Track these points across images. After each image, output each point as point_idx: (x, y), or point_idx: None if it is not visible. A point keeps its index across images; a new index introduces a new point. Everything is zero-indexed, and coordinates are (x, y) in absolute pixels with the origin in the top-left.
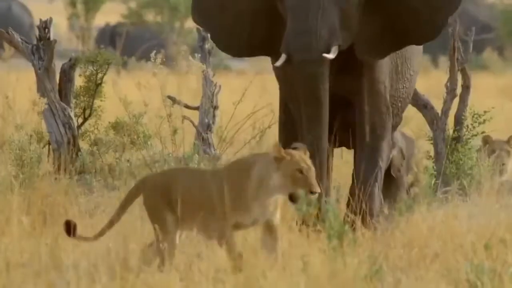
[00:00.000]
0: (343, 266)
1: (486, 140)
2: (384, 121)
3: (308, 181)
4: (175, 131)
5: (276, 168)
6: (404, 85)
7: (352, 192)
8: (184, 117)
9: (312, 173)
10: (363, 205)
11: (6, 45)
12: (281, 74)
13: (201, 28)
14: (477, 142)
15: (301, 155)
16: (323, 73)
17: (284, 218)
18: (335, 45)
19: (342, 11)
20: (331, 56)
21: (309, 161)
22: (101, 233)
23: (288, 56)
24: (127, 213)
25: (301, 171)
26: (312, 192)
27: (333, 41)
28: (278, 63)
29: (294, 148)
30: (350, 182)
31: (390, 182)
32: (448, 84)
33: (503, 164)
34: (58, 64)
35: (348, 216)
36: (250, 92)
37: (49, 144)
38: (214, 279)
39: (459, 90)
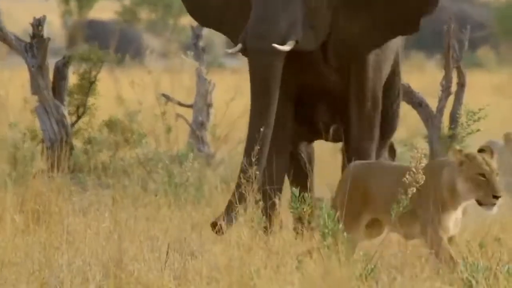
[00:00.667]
0: (338, 265)
1: (509, 138)
2: (373, 122)
3: (490, 185)
4: (169, 129)
5: (459, 172)
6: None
7: None
8: (177, 115)
9: (495, 176)
10: None
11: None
12: None
13: (195, 26)
14: (472, 140)
15: (484, 158)
16: (276, 66)
17: (277, 217)
18: (292, 39)
19: (308, 8)
20: (285, 48)
21: (493, 164)
22: None
23: (244, 45)
24: (121, 212)
25: (483, 175)
26: (495, 197)
27: (290, 35)
28: (232, 50)
29: (480, 151)
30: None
31: None
32: (443, 82)
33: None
34: (51, 62)
35: None
36: (244, 90)
37: (43, 142)
38: (208, 277)
39: (454, 88)
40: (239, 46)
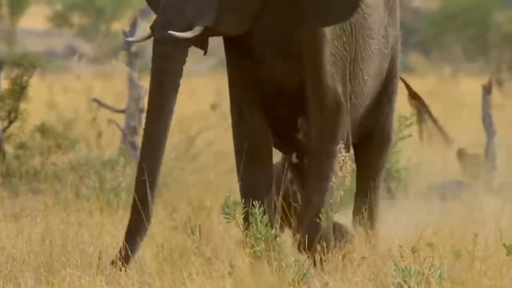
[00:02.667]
0: (270, 270)
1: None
2: (335, 121)
3: None
4: (100, 134)
5: None
6: (356, 89)
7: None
8: (109, 120)
9: None
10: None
11: None
12: (236, 73)
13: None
14: (404, 145)
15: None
16: (175, 58)
17: (212, 223)
18: (200, 25)
19: None
20: (186, 35)
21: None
22: None
23: (151, 34)
24: (53, 217)
25: None
26: None
27: (197, 21)
28: (137, 37)
29: None
30: None
31: None
32: None
33: None
34: None
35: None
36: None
37: None
38: (140, 282)
39: None
40: (148, 32)
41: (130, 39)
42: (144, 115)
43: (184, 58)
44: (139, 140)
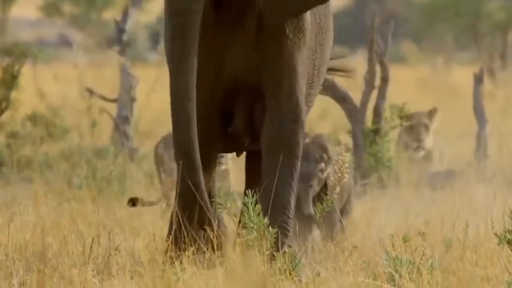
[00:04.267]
0: (261, 259)
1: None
2: (299, 113)
3: None
4: (93, 124)
5: None
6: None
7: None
8: (101, 110)
9: None
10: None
11: None
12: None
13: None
14: (395, 135)
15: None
16: (197, 10)
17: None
18: None
19: None
20: None
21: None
22: None
23: None
24: (44, 206)
25: None
26: None
27: None
28: None
29: None
30: None
31: None
32: (367, 76)
33: (419, 140)
34: None
35: None
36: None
37: None
38: (131, 272)
39: (377, 82)
40: None
41: None
42: (135, 105)
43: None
44: (130, 129)
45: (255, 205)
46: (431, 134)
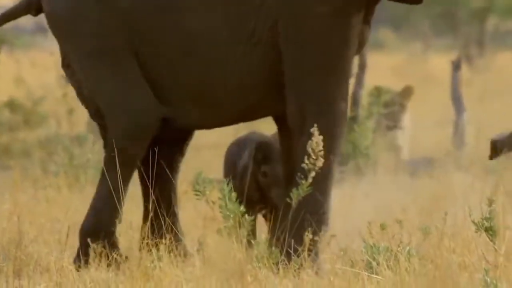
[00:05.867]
0: (238, 247)
1: (379, 91)
2: None
3: None
4: (71, 111)
5: None
6: None
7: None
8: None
9: None
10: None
11: None
12: None
13: None
14: (373, 122)
15: None
16: None
17: (180, 200)
18: None
19: None
20: None
21: None
22: None
23: None
24: (21, 193)
25: None
26: None
27: None
28: None
29: None
30: None
31: None
32: None
33: (396, 120)
34: None
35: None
36: None
37: None
38: (108, 260)
39: (355, 69)
40: None
41: None
42: None
43: None
44: None
45: (230, 193)
46: (408, 113)
